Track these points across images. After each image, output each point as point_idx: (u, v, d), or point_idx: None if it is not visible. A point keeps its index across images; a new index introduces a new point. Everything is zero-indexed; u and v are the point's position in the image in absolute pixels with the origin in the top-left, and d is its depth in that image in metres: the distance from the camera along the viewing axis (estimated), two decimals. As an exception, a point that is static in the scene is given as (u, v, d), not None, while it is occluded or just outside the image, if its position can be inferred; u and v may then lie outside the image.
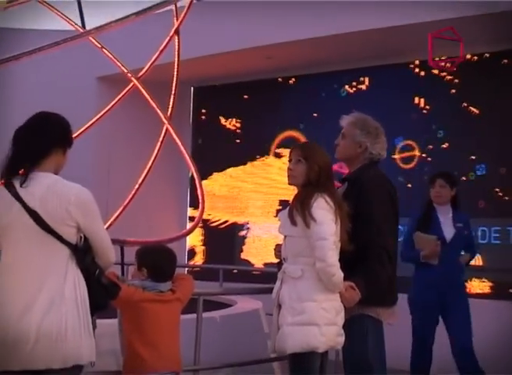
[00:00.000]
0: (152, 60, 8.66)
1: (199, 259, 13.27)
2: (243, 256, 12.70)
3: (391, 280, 5.13)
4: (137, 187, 8.44)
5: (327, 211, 4.60)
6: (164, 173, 10.60)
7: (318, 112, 11.92)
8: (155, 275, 4.55)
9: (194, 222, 8.59)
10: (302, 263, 4.65)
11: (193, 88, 13.61)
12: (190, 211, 13.39)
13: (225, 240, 12.97)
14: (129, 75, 9.01)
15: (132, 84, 8.87)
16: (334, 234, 4.57)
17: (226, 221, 12.98)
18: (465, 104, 10.41)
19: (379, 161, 5.29)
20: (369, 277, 4.83)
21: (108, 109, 9.00)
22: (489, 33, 9.27)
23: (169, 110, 8.53)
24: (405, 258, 7.15)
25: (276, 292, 4.79)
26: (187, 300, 4.71)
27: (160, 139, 8.52)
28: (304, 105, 12.13)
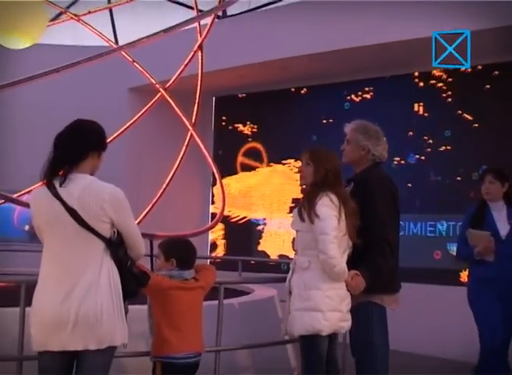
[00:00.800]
0: (178, 72, 8.66)
1: (220, 251, 13.30)
2: (259, 248, 12.72)
3: (393, 270, 5.13)
4: (165, 187, 8.46)
5: (330, 208, 4.63)
6: (188, 174, 10.61)
7: (327, 119, 11.93)
8: (181, 264, 4.57)
9: (216, 218, 8.60)
10: (309, 255, 4.69)
11: (214, 98, 13.63)
12: (212, 208, 13.43)
13: (243, 234, 12.98)
14: (157, 86, 9.02)
15: (160, 94, 8.88)
16: (335, 229, 4.58)
17: (245, 217, 12.99)
18: (460, 111, 10.39)
19: (382, 162, 5.30)
20: (373, 267, 4.84)
21: (139, 117, 9.01)
22: (481, 47, 9.24)
23: (193, 117, 8.54)
24: (460, 255, 6.65)
25: (288, 281, 4.84)
26: (209, 288, 4.71)
27: (185, 143, 8.53)
28: (315, 113, 12.14)
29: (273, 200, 12.59)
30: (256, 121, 13.10)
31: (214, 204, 13.40)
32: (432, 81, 10.70)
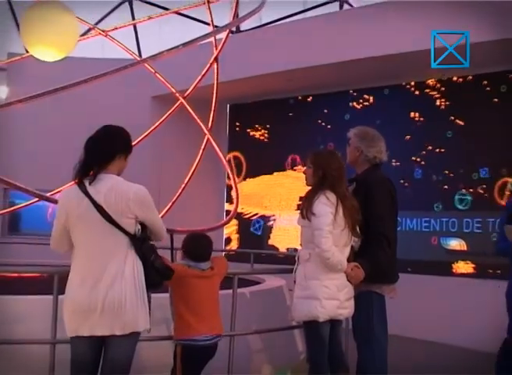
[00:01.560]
0: (196, 82, 8.67)
1: (234, 245, 13.30)
2: (270, 242, 12.72)
3: (391, 262, 5.16)
4: (183, 187, 8.47)
5: (327, 205, 4.65)
6: (205, 175, 10.62)
7: (331, 124, 11.93)
8: (196, 257, 4.59)
9: (230, 214, 8.61)
10: (309, 248, 4.72)
11: (228, 105, 13.63)
12: (227, 206, 13.43)
13: (255, 229, 12.99)
14: (177, 94, 9.04)
15: (179, 102, 8.90)
16: (330, 225, 4.60)
17: (256, 214, 12.99)
18: (452, 117, 10.37)
19: (381, 164, 5.32)
20: (372, 259, 4.88)
21: (161, 122, 9.04)
22: (472, 59, 9.23)
23: (210, 123, 8.54)
24: (499, 250, 6.10)
25: (294, 271, 4.88)
26: (224, 274, 4.74)
27: (202, 147, 8.54)
28: (320, 119, 12.14)
29: (282, 198, 12.58)
30: (266, 126, 13.10)
31: (228, 202, 13.42)
32: (427, 90, 10.69)
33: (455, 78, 10.36)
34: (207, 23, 10.13)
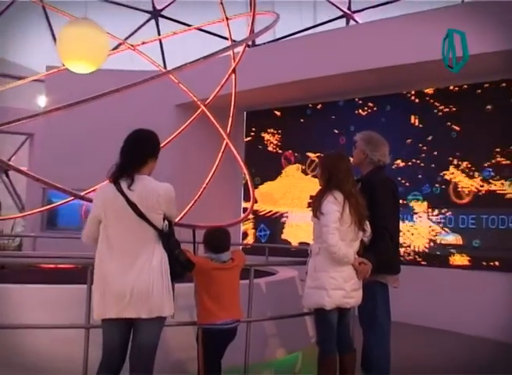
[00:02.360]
0: (216, 91, 8.68)
1: (250, 239, 13.30)
2: (283, 237, 12.70)
3: (394, 254, 5.21)
4: (204, 186, 8.47)
5: (334, 204, 4.67)
6: (224, 176, 10.60)
7: (339, 129, 11.90)
8: (216, 248, 4.59)
9: (247, 212, 8.60)
10: (319, 243, 4.74)
11: (245, 112, 13.62)
12: (243, 204, 13.43)
13: (269, 225, 12.97)
14: (198, 103, 9.04)
15: (200, 110, 8.91)
16: (336, 222, 4.62)
17: (270, 211, 12.98)
18: (449, 123, 10.32)
19: (384, 166, 5.32)
20: (376, 251, 4.90)
21: (184, 128, 9.04)
22: (467, 69, 9.20)
23: (228, 129, 8.54)
24: None
25: (307, 264, 4.90)
26: (243, 265, 4.74)
27: (221, 150, 8.54)
28: (328, 124, 12.12)
29: (294, 197, 12.56)
30: (280, 131, 13.09)
31: (245, 200, 13.42)
32: (426, 98, 10.65)
33: (451, 87, 10.33)
34: (225, 38, 10.15)
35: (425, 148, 10.59)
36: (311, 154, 12.32)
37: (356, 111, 11.64)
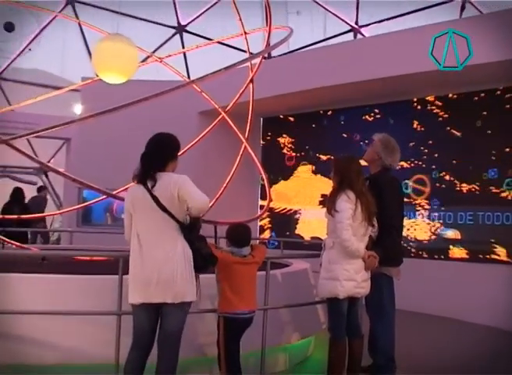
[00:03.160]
0: (235, 99, 8.68)
1: (267, 234, 13.29)
2: (296, 232, 12.68)
3: (398, 248, 5.26)
4: (225, 186, 8.48)
5: (347, 203, 4.69)
6: (243, 176, 10.56)
7: (347, 134, 11.87)
8: (237, 242, 4.58)
9: (263, 209, 8.60)
10: (333, 237, 4.76)
11: (262, 119, 13.61)
12: (260, 202, 13.43)
13: (284, 221, 12.95)
14: (219, 110, 9.05)
15: (221, 116, 8.91)
16: (350, 219, 4.64)
17: (285, 208, 12.97)
18: (448, 128, 10.25)
19: (392, 168, 5.31)
20: (383, 247, 4.91)
21: (206, 133, 9.05)
22: (465, 78, 9.16)
23: (246, 133, 8.53)
24: None
25: (321, 256, 4.91)
26: (262, 262, 4.74)
27: (240, 153, 8.54)
28: (338, 129, 12.09)
29: (306, 196, 12.53)
30: (293, 136, 13.07)
31: (261, 198, 13.42)
32: (427, 105, 10.59)
33: (450, 95, 10.26)
34: (244, 51, 10.15)
35: (426, 151, 10.54)
36: (322, 156, 12.30)
37: (363, 117, 11.60)
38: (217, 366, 4.58)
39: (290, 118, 13.11)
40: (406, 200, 5.49)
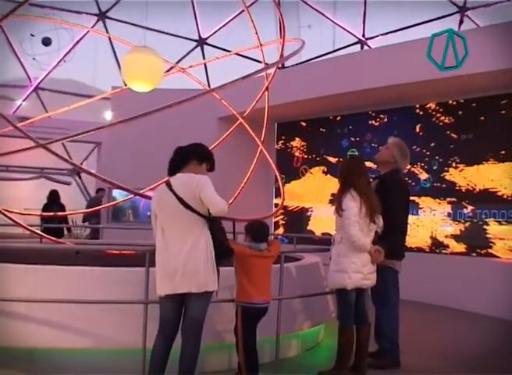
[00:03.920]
0: (252, 106, 8.66)
1: (281, 230, 13.28)
2: (308, 228, 12.66)
3: (401, 244, 5.28)
4: (242, 186, 8.47)
5: (352, 201, 4.70)
6: (259, 177, 10.56)
7: (355, 138, 11.84)
8: (256, 238, 4.58)
9: (278, 207, 8.58)
10: (341, 233, 4.77)
11: (276, 124, 13.61)
12: (275, 200, 13.42)
13: (297, 218, 12.94)
14: (237, 115, 9.04)
15: (239, 121, 8.90)
16: (356, 216, 4.64)
17: (298, 206, 12.96)
18: (448, 132, 10.19)
19: (401, 170, 5.33)
20: (388, 242, 4.90)
21: (225, 137, 9.05)
22: (463, 87, 9.10)
23: (262, 137, 8.52)
24: None
25: (330, 250, 4.91)
26: (277, 255, 4.74)
27: (256, 155, 8.53)
28: (346, 134, 12.05)
29: (317, 195, 12.51)
30: (305, 139, 13.04)
31: (276, 197, 13.41)
32: (429, 111, 10.54)
33: (450, 102, 10.20)
34: (259, 61, 10.14)
35: (428, 153, 10.48)
36: (332, 158, 12.27)
37: (369, 122, 11.56)
38: (235, 351, 4.58)
39: (303, 123, 13.09)
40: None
